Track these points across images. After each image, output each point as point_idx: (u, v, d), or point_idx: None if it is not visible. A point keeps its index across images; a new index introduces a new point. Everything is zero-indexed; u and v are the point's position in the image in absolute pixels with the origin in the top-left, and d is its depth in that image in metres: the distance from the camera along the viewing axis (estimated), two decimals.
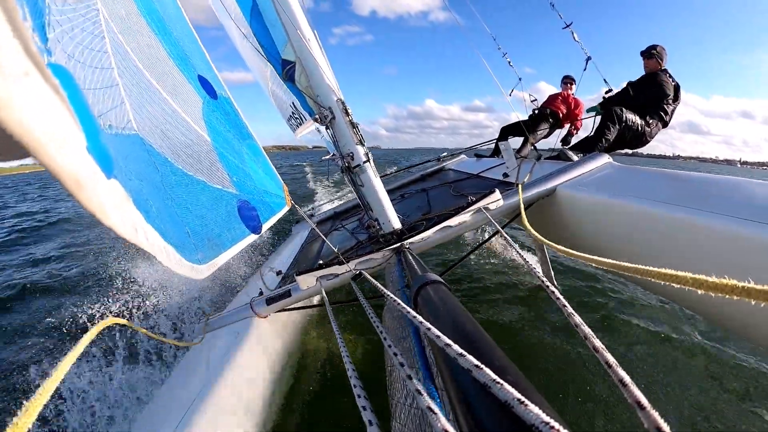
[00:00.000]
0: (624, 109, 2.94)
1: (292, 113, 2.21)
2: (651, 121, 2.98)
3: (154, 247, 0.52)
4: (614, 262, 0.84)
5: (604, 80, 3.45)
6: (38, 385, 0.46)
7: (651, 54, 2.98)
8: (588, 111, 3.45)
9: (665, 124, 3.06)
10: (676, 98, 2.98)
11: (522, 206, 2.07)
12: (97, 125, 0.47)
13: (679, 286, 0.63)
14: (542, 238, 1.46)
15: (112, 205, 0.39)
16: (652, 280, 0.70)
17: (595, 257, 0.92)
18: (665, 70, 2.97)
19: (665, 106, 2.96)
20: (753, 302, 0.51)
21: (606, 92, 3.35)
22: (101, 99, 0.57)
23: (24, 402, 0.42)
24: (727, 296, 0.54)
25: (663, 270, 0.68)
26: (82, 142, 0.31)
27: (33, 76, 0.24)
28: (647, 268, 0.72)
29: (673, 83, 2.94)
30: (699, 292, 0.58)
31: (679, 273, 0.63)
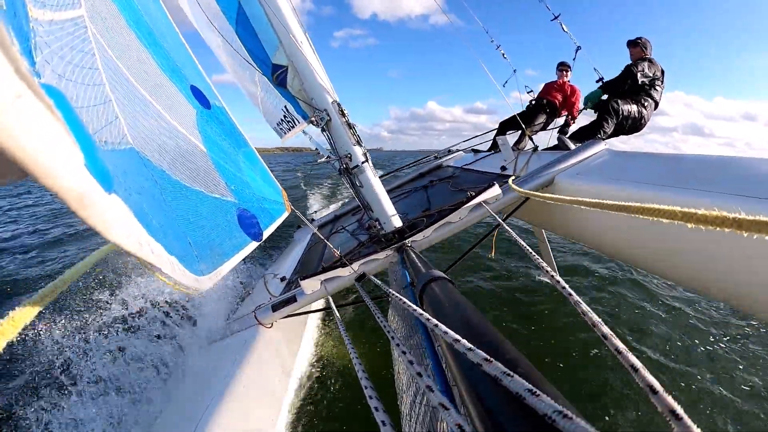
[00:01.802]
0: (619, 101, 3.02)
1: (283, 117, 2.20)
2: (645, 104, 3.07)
3: (159, 260, 0.52)
4: (600, 201, 0.86)
5: (594, 69, 3.46)
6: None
7: (636, 43, 3.17)
8: (587, 100, 3.38)
9: (657, 105, 3.20)
10: (662, 81, 3.16)
11: (525, 195, 2.06)
12: (94, 142, 0.47)
13: (667, 221, 0.63)
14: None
15: (115, 220, 0.39)
16: (641, 216, 0.70)
17: (592, 200, 0.94)
18: (650, 58, 3.12)
19: (656, 87, 3.12)
20: (745, 234, 0.50)
21: (598, 81, 3.37)
22: (95, 116, 0.57)
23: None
24: (717, 228, 0.53)
25: (650, 206, 0.69)
26: (80, 159, 0.31)
27: (26, 98, 0.24)
28: (635, 205, 0.74)
29: (659, 66, 3.12)
30: (689, 226, 0.58)
31: (666, 207, 0.64)
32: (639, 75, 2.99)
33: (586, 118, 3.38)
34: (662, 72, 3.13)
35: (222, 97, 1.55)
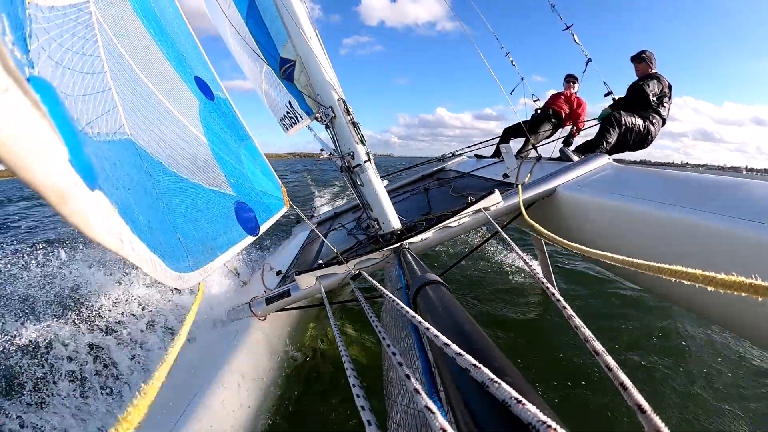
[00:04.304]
0: (623, 112, 3.00)
1: (287, 113, 2.20)
2: (653, 120, 3.05)
3: (140, 259, 0.51)
4: (621, 257, 0.84)
5: (604, 82, 3.47)
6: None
7: (641, 58, 3.13)
8: (600, 117, 3.45)
9: (664, 121, 3.16)
10: (670, 96, 3.11)
11: (521, 205, 2.06)
12: (80, 136, 0.46)
13: (689, 282, 0.64)
14: (545, 231, 1.45)
15: (96, 217, 0.38)
16: (664, 276, 0.70)
17: (604, 252, 0.92)
18: (656, 73, 3.09)
19: (664, 104, 3.07)
20: (760, 299, 0.52)
21: (606, 95, 3.38)
22: (91, 105, 0.56)
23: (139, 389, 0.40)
24: (735, 293, 0.55)
25: (674, 267, 0.68)
26: (63, 154, 0.30)
27: (12, 92, 0.24)
28: (660, 265, 0.73)
29: (666, 82, 3.06)
30: (709, 289, 0.59)
31: (689, 270, 0.64)
32: (651, 95, 2.96)
33: (592, 130, 3.38)
34: (669, 87, 3.09)
35: (237, 106, 1.54)
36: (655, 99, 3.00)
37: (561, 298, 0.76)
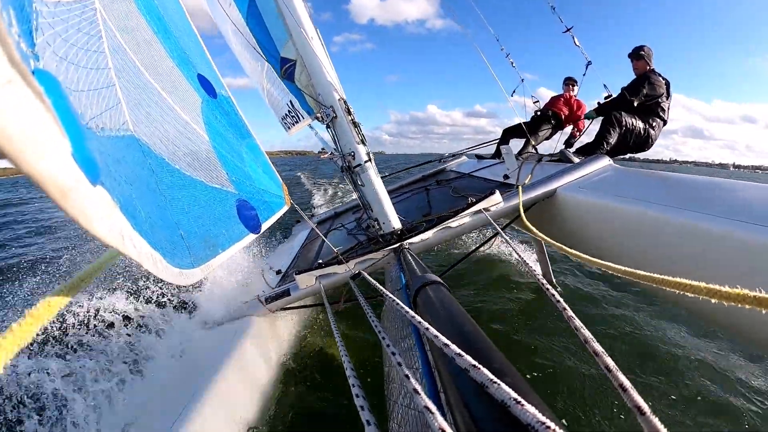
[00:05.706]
0: (623, 113, 2.96)
1: (288, 112, 2.20)
2: (653, 123, 3.01)
3: (141, 255, 0.51)
4: (628, 269, 0.83)
5: (604, 85, 3.46)
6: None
7: (639, 55, 3.04)
8: (585, 117, 3.53)
9: (665, 122, 3.11)
10: (668, 95, 3.04)
11: (521, 207, 2.06)
12: (84, 131, 0.46)
13: (692, 295, 0.63)
14: (545, 237, 1.46)
15: (97, 213, 0.37)
16: (667, 288, 0.69)
17: (608, 263, 0.92)
18: (653, 70, 3.02)
19: (662, 105, 3.02)
20: (764, 311, 0.51)
21: (605, 97, 3.36)
22: (96, 101, 0.57)
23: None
24: (740, 305, 0.54)
25: (678, 279, 0.68)
26: (66, 148, 0.30)
27: (16, 83, 0.24)
28: (660, 276, 0.72)
29: (663, 80, 2.99)
30: (713, 301, 0.59)
31: (693, 282, 0.64)
32: (635, 100, 2.92)
33: (593, 131, 3.39)
34: (667, 84, 3.00)
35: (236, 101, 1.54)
36: (646, 100, 2.94)
37: (561, 299, 0.76)
